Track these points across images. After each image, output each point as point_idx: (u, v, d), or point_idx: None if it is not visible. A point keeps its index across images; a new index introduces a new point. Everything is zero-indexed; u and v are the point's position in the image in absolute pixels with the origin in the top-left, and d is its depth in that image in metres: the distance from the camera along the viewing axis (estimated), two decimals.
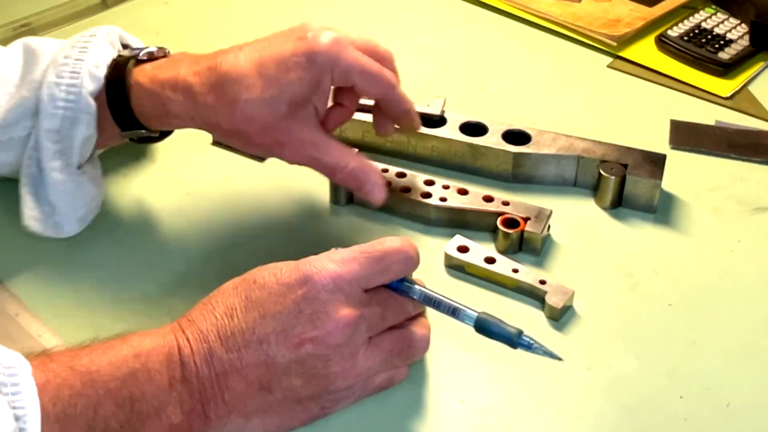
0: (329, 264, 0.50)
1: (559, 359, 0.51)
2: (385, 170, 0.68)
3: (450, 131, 0.72)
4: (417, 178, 0.68)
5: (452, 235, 0.65)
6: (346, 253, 0.51)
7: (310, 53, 0.58)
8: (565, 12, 0.93)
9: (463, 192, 0.67)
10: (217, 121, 0.59)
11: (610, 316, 0.60)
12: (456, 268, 0.63)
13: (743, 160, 0.74)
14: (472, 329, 0.58)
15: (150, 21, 0.93)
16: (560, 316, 0.59)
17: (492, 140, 0.71)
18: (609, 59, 0.88)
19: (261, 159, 0.71)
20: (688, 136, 0.77)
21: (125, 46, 0.66)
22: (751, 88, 0.84)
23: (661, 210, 0.68)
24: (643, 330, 0.59)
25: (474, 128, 0.72)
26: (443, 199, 0.66)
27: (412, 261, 0.52)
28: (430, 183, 0.67)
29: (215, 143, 0.74)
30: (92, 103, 0.61)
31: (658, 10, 0.93)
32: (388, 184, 0.62)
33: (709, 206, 0.69)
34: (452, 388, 0.55)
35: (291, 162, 0.61)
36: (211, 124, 0.60)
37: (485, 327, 0.51)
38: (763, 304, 0.61)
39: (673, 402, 0.54)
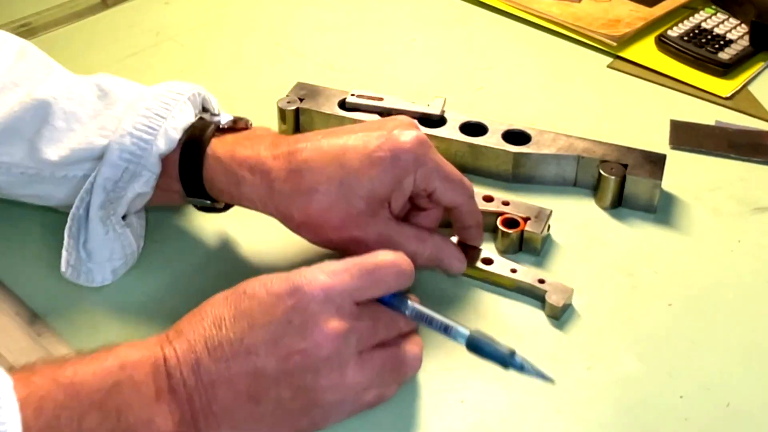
0: (320, 275, 0.49)
1: (551, 381, 0.50)
2: None
3: (450, 131, 0.72)
4: None
5: (452, 235, 0.65)
6: (339, 265, 0.50)
7: (396, 150, 0.56)
8: (565, 12, 0.93)
9: None
10: (291, 212, 0.57)
11: (610, 316, 0.60)
12: None
13: (743, 160, 0.74)
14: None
15: (150, 21, 0.93)
16: (561, 315, 0.59)
17: (492, 140, 0.71)
18: (609, 59, 0.88)
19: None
20: (688, 136, 0.77)
21: (205, 108, 0.64)
22: (751, 88, 0.84)
23: (661, 210, 0.68)
24: (643, 330, 0.59)
25: (474, 128, 0.72)
26: None
27: (406, 275, 0.51)
28: None
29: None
30: (158, 163, 0.59)
31: (658, 10, 0.94)
32: (465, 249, 0.61)
33: (709, 206, 0.69)
34: (452, 388, 0.55)
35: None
36: (284, 213, 0.58)
37: (477, 346, 0.50)
38: (763, 304, 0.61)
39: (673, 402, 0.54)
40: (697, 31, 0.89)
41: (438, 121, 0.73)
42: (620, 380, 0.55)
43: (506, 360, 0.50)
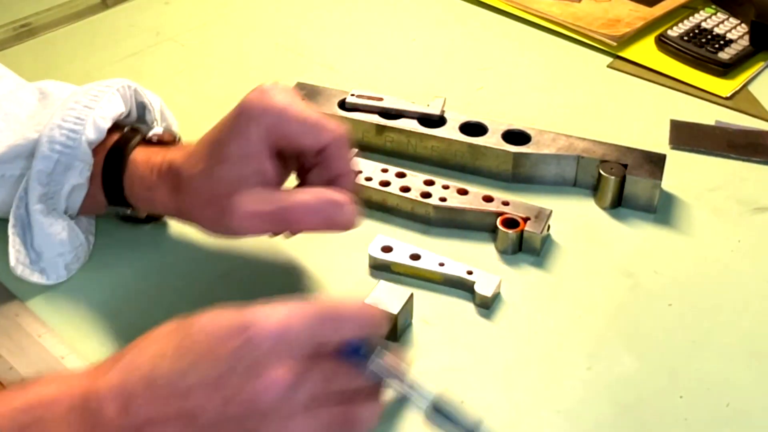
0: (275, 314, 0.44)
1: None
2: (385, 170, 0.68)
3: (450, 131, 0.72)
4: (417, 178, 0.68)
5: (452, 236, 0.65)
6: (297, 306, 0.45)
7: (240, 105, 0.55)
8: (565, 12, 0.93)
9: (462, 192, 0.67)
10: (195, 216, 0.57)
11: (610, 316, 0.60)
12: (381, 268, 0.62)
13: (743, 160, 0.74)
14: (472, 329, 0.59)
15: (150, 21, 0.93)
16: (491, 304, 0.59)
17: (492, 140, 0.71)
18: (609, 59, 0.88)
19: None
20: (688, 136, 0.77)
21: (141, 104, 0.65)
22: (751, 88, 0.84)
23: (661, 210, 0.68)
24: (643, 330, 0.59)
25: (474, 128, 0.72)
26: (443, 199, 0.66)
27: (371, 326, 0.47)
28: (430, 183, 0.67)
29: None
30: (89, 152, 0.59)
31: (658, 10, 0.94)
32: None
33: (709, 206, 0.69)
34: (452, 388, 0.55)
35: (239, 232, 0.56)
36: (191, 217, 0.58)
37: (442, 412, 0.46)
38: (763, 304, 0.61)
39: (673, 402, 0.54)
40: (697, 31, 0.89)
41: (438, 121, 0.73)
42: (620, 380, 0.55)
43: (471, 431, 0.46)
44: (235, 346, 0.43)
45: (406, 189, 0.67)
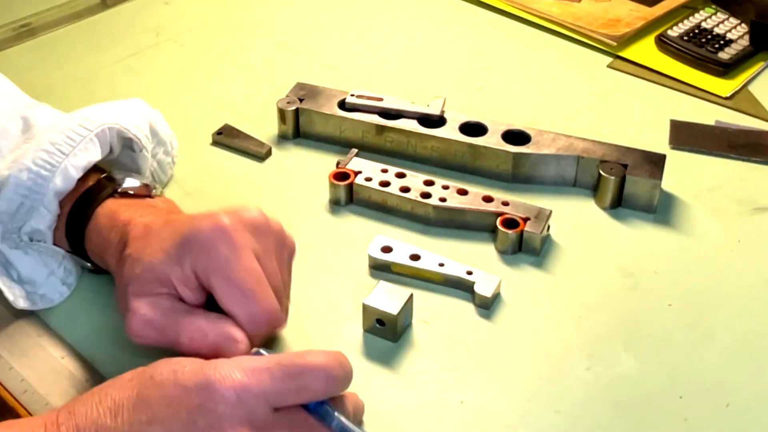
0: (236, 372, 0.43)
1: None
2: (385, 170, 0.68)
3: (450, 131, 0.72)
4: (417, 178, 0.68)
5: (452, 236, 0.65)
6: (260, 362, 0.44)
7: (191, 230, 0.51)
8: (565, 12, 0.93)
9: (462, 192, 0.67)
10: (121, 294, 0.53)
11: (610, 316, 0.60)
12: (381, 268, 0.62)
13: (743, 160, 0.74)
14: (472, 329, 0.59)
15: (150, 21, 0.93)
16: (491, 305, 0.59)
17: (492, 140, 0.71)
18: (609, 59, 0.88)
19: (261, 159, 0.70)
20: (688, 136, 0.77)
21: (128, 141, 0.62)
22: (751, 88, 0.84)
23: (661, 210, 0.68)
24: (643, 330, 0.59)
25: (474, 128, 0.72)
26: (443, 199, 0.66)
27: (336, 381, 0.45)
28: (430, 183, 0.67)
29: (215, 143, 0.74)
30: (54, 201, 0.57)
31: (658, 10, 0.94)
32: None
33: (709, 206, 0.69)
34: (452, 388, 0.55)
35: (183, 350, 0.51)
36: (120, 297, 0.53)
37: None
38: (763, 304, 0.61)
39: (673, 402, 0.54)
40: (697, 31, 0.89)
41: (438, 121, 0.73)
42: (620, 380, 0.55)
43: None
44: (194, 404, 0.42)
45: (406, 189, 0.67)
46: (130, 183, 0.60)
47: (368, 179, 0.68)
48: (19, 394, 0.54)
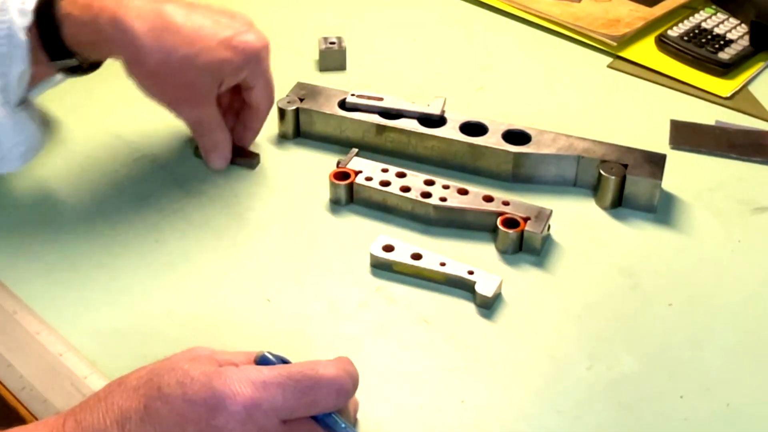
0: (247, 387, 0.42)
1: None
2: (385, 170, 0.68)
3: (450, 131, 0.72)
4: (417, 178, 0.68)
5: (452, 236, 0.65)
6: (272, 375, 0.43)
7: (247, 45, 0.66)
8: (565, 12, 0.93)
9: (463, 192, 0.67)
10: (146, 61, 0.63)
11: (610, 316, 0.60)
12: (383, 267, 0.63)
13: (743, 160, 0.74)
14: (472, 329, 0.59)
15: None
16: (491, 304, 0.59)
17: (492, 140, 0.71)
18: (609, 59, 0.88)
19: (252, 167, 0.72)
20: (688, 136, 0.77)
21: None
22: (751, 88, 0.84)
23: (661, 210, 0.68)
24: (643, 330, 0.59)
25: (474, 128, 0.72)
26: (443, 199, 0.66)
27: (346, 394, 0.45)
28: (430, 183, 0.67)
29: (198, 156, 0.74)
30: (23, 38, 0.61)
31: (658, 10, 0.94)
32: (246, 155, 0.72)
33: (709, 206, 0.69)
34: (452, 388, 0.55)
35: (180, 118, 0.68)
36: (138, 61, 0.63)
37: None
38: (763, 304, 0.61)
39: (673, 402, 0.54)
40: (697, 31, 0.89)
41: (438, 121, 0.73)
42: (620, 380, 0.55)
43: None
44: (201, 421, 0.42)
45: (406, 189, 0.67)
46: None
47: (368, 179, 0.68)
48: (18, 391, 0.54)
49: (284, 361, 0.46)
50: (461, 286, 0.61)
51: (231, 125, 0.71)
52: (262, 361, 0.46)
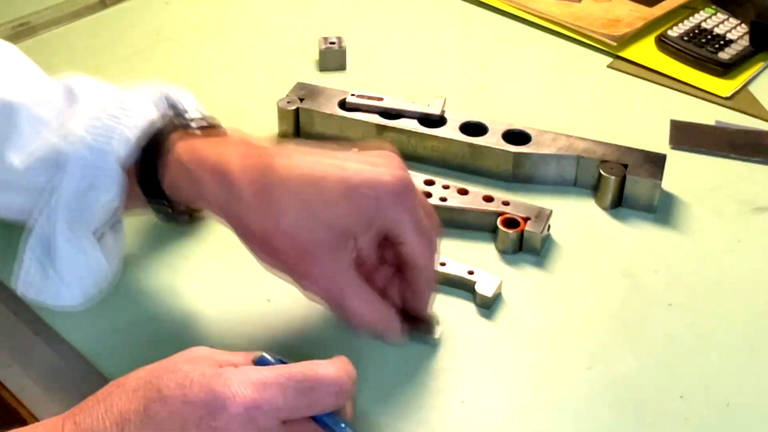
0: (247, 388, 0.42)
1: None
2: None
3: (450, 131, 0.72)
4: (417, 178, 0.68)
5: (452, 236, 0.65)
6: (272, 376, 0.43)
7: (379, 189, 0.50)
8: (565, 12, 0.93)
9: (463, 192, 0.67)
10: (251, 226, 0.52)
11: (610, 316, 0.60)
12: None
13: (743, 160, 0.74)
14: (472, 329, 0.59)
15: (150, 21, 0.93)
16: (491, 304, 0.59)
17: (492, 140, 0.71)
18: (609, 59, 0.88)
19: (430, 338, 0.58)
20: (688, 136, 0.77)
21: (172, 105, 0.60)
22: (751, 88, 0.84)
23: (661, 210, 0.68)
24: (643, 330, 0.59)
25: (474, 128, 0.72)
26: (443, 199, 0.66)
27: (346, 393, 0.45)
28: (430, 183, 0.67)
29: None
30: (119, 170, 0.55)
31: (658, 10, 0.94)
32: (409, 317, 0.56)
33: (709, 206, 0.69)
34: (452, 388, 0.55)
35: (308, 295, 0.54)
36: (243, 225, 0.52)
37: None
38: (763, 304, 0.61)
39: (673, 402, 0.54)
40: (697, 31, 0.89)
41: (438, 121, 0.73)
42: (620, 380, 0.55)
43: None
44: (202, 423, 0.41)
45: None
46: (196, 117, 0.58)
47: None
48: (19, 391, 0.54)
49: (282, 362, 0.46)
50: (461, 286, 0.61)
51: (384, 284, 0.56)
52: (260, 362, 0.46)
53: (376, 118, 0.73)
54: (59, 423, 0.43)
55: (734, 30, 0.90)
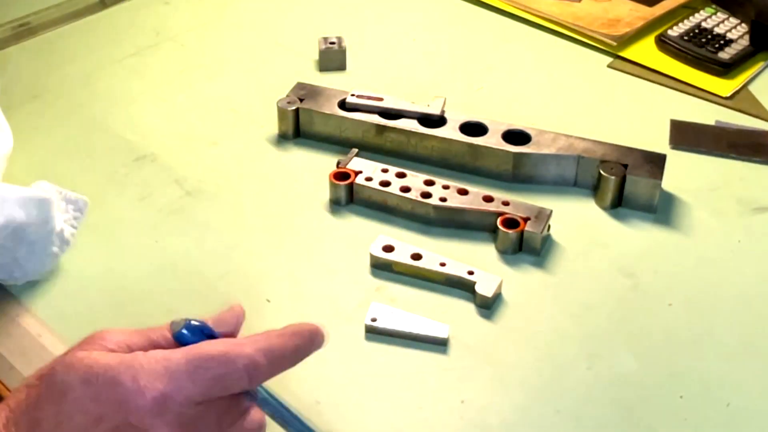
0: (155, 381, 0.41)
1: None
2: (385, 170, 0.68)
3: (450, 131, 0.72)
4: (417, 178, 0.68)
5: (452, 236, 0.65)
6: (182, 362, 0.42)
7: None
8: (565, 12, 0.93)
9: (463, 192, 0.67)
10: None
11: (610, 316, 0.60)
12: (383, 267, 0.63)
13: (743, 160, 0.74)
14: (472, 329, 0.59)
15: (150, 21, 0.93)
16: (491, 305, 0.59)
17: (492, 140, 0.71)
18: (609, 59, 0.88)
19: None
20: (688, 136, 0.77)
21: None
22: (751, 88, 0.84)
23: (661, 210, 0.68)
24: (643, 330, 0.59)
25: (474, 128, 0.72)
26: (443, 199, 0.66)
27: (261, 375, 0.44)
28: (430, 183, 0.67)
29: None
30: None
31: (658, 9, 0.93)
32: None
33: (709, 206, 0.69)
34: (452, 388, 0.55)
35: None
36: None
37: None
38: (763, 304, 0.61)
39: (673, 402, 0.54)
40: (697, 31, 0.89)
41: (438, 121, 0.73)
42: (620, 380, 0.55)
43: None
44: (118, 420, 0.40)
45: (406, 189, 0.67)
46: None
47: (368, 179, 0.68)
48: None
49: (202, 331, 0.45)
50: (461, 287, 0.61)
51: None
52: (179, 337, 0.45)
53: (376, 118, 0.73)
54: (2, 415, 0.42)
55: (734, 30, 0.90)
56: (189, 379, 0.42)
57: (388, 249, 0.62)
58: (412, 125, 0.72)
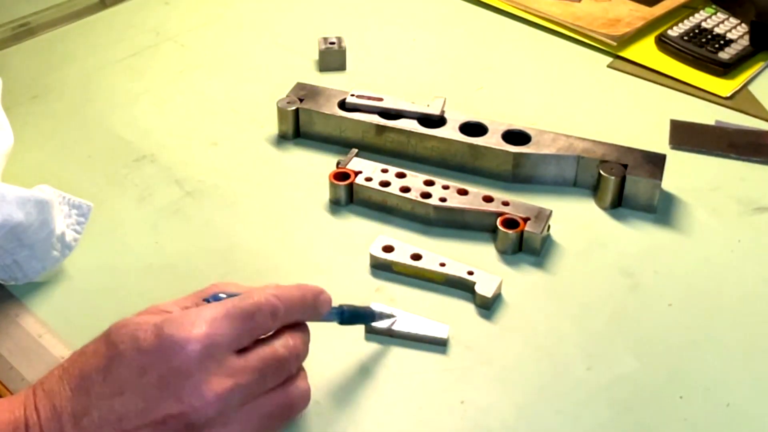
0: (196, 327, 0.44)
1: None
2: (385, 170, 0.68)
3: (450, 131, 0.72)
4: (417, 178, 0.68)
5: (452, 236, 0.65)
6: (216, 311, 0.45)
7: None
8: (565, 12, 0.93)
9: (463, 192, 0.67)
10: None
11: (610, 316, 0.60)
12: (383, 267, 0.63)
13: (743, 160, 0.74)
14: (472, 329, 0.59)
15: (150, 21, 0.93)
16: (491, 305, 0.59)
17: (492, 140, 0.71)
18: (609, 59, 0.88)
19: None
20: (688, 136, 0.77)
21: None
22: (751, 88, 0.84)
23: (661, 210, 0.68)
24: (643, 330, 0.59)
25: (474, 128, 0.72)
26: (443, 199, 0.66)
27: (280, 316, 0.47)
28: (430, 183, 0.67)
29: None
30: None
31: (658, 9, 0.94)
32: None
33: (709, 206, 0.69)
34: (452, 388, 0.55)
35: None
36: None
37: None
38: (763, 304, 0.61)
39: (673, 402, 0.54)
40: (697, 31, 0.89)
41: (438, 121, 0.73)
42: (620, 380, 0.55)
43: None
44: (161, 367, 0.43)
45: (406, 189, 0.67)
46: None
47: (368, 179, 0.68)
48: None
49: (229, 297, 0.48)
50: (461, 287, 0.61)
51: None
52: (212, 300, 0.48)
53: (376, 119, 0.73)
54: (30, 392, 0.45)
55: (734, 30, 0.90)
56: (227, 322, 0.45)
57: (388, 249, 0.62)
58: (411, 125, 0.72)
